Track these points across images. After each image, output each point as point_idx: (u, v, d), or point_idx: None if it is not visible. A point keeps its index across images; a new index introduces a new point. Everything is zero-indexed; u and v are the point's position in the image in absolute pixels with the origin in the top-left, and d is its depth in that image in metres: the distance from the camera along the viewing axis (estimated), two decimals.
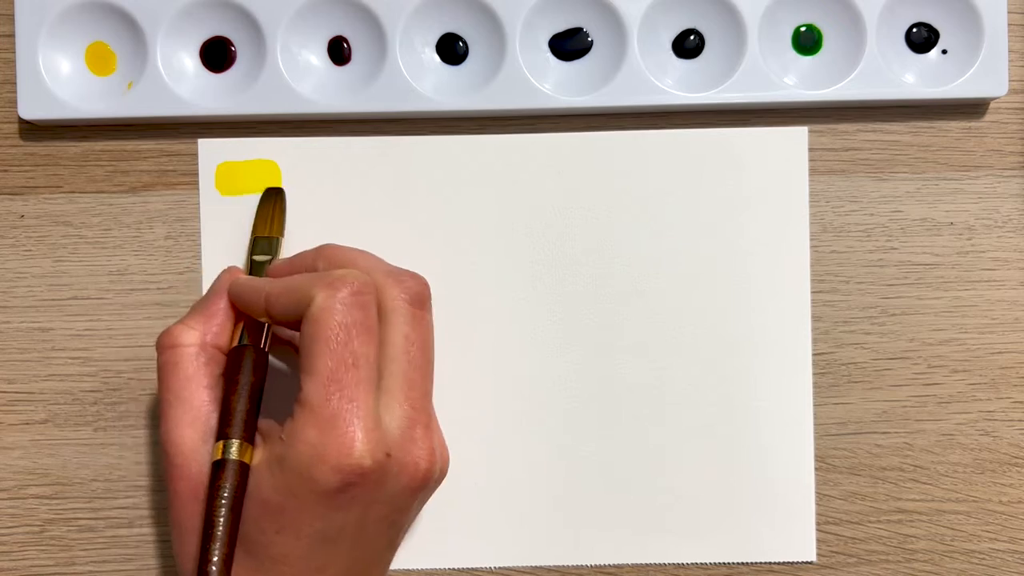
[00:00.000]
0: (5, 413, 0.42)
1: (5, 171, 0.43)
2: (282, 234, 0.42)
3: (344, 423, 0.33)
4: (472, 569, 0.42)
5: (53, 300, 0.42)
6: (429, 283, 0.37)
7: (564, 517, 0.42)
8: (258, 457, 0.35)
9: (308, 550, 0.34)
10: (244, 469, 0.35)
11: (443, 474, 0.37)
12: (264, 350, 0.37)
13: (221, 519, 0.34)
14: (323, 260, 0.37)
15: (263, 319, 0.37)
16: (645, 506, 0.42)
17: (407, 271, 0.37)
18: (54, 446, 0.42)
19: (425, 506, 0.38)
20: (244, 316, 0.38)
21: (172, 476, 0.36)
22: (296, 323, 0.35)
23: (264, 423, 0.36)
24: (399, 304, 0.36)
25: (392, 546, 0.37)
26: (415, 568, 0.42)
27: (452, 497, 0.42)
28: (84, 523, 0.42)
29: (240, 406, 0.36)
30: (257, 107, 0.41)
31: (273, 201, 0.42)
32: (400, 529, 0.37)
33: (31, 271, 0.43)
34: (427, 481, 0.35)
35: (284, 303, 0.36)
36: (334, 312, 0.34)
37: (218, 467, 0.34)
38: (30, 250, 0.43)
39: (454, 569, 0.42)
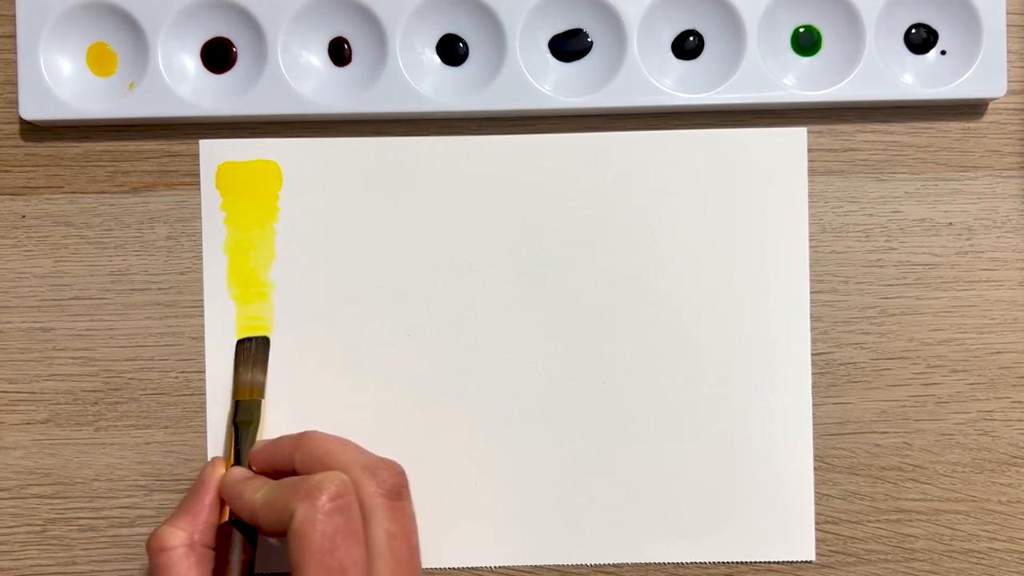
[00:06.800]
0: (7, 413, 0.42)
1: (6, 171, 0.43)
2: (263, 395, 0.41)
3: None
4: (472, 569, 0.42)
5: (54, 300, 0.43)
6: (404, 469, 0.37)
7: (564, 517, 0.42)
8: None
9: None
10: None
11: None
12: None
13: None
14: (301, 452, 0.37)
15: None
16: (645, 506, 0.42)
17: (382, 461, 0.37)
18: (55, 446, 0.42)
19: (425, 506, 0.38)
20: None
21: None
22: (284, 531, 0.35)
23: None
24: (377, 501, 0.36)
25: None
26: None
27: (452, 497, 0.42)
28: (85, 523, 0.42)
29: None
30: (258, 108, 0.41)
31: (251, 358, 0.42)
32: None
33: (32, 271, 0.43)
34: None
35: (268, 518, 0.36)
36: (315, 523, 0.34)
37: None
38: (31, 250, 0.43)
39: (454, 569, 0.42)
